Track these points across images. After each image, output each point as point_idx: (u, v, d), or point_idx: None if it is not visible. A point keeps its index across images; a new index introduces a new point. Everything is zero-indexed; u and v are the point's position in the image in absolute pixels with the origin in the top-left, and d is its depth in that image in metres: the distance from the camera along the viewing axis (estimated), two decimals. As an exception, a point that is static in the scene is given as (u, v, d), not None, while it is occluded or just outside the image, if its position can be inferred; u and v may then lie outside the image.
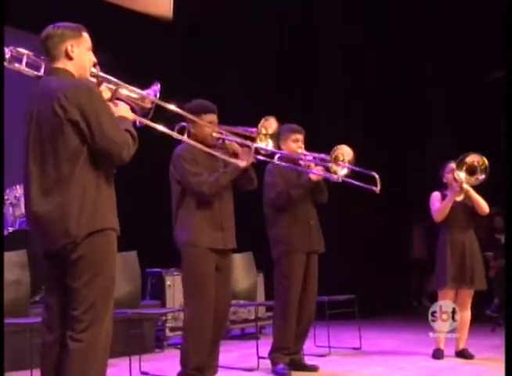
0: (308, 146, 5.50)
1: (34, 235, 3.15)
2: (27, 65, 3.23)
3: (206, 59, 9.01)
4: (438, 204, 5.98)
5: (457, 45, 10.08)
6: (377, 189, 5.50)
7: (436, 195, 6.05)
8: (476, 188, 5.88)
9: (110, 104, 3.28)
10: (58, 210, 2.99)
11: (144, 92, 3.47)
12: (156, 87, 3.50)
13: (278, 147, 5.05)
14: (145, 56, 7.83)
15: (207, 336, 4.47)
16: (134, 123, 3.35)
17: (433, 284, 6.04)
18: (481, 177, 5.75)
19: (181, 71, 8.46)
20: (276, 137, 4.71)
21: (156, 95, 3.49)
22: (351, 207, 9.65)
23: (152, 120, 3.49)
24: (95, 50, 3.26)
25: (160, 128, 3.64)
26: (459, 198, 5.96)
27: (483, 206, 5.92)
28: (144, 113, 3.45)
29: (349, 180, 5.46)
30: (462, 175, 5.77)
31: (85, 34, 3.22)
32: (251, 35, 9.48)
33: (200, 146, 4.24)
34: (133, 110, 3.39)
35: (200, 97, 4.69)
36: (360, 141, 8.06)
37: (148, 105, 3.44)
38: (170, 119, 3.92)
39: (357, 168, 5.49)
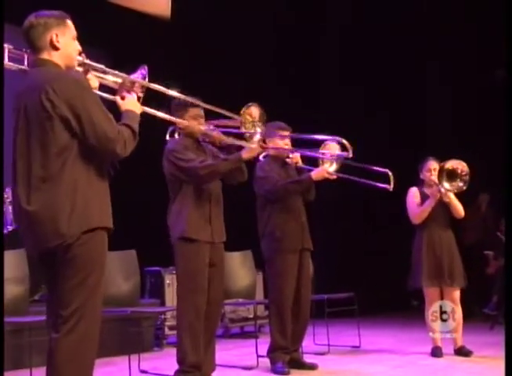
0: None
1: (23, 234, 3.01)
2: (10, 59, 3.11)
3: (204, 58, 9.02)
4: (415, 204, 5.96)
5: (459, 45, 10.07)
6: (390, 186, 5.49)
7: (414, 193, 6.04)
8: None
9: (117, 98, 3.22)
10: (48, 208, 2.88)
11: (133, 78, 3.36)
12: (144, 70, 3.39)
13: (264, 142, 5.07)
14: (142, 54, 7.81)
15: (201, 332, 4.48)
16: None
17: (410, 283, 6.02)
18: (461, 184, 5.72)
19: (178, 69, 8.44)
20: (263, 121, 4.68)
21: (144, 79, 3.38)
22: (351, 205, 9.67)
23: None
24: (90, 46, 3.20)
25: (158, 113, 3.59)
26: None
27: (459, 210, 5.92)
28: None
29: (360, 180, 5.47)
30: (446, 184, 5.74)
31: (69, 22, 3.09)
32: (250, 38, 9.49)
33: (197, 127, 4.27)
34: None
35: (198, 96, 4.69)
36: (359, 141, 8.08)
37: (138, 90, 3.33)
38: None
39: (367, 166, 5.48)
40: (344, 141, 5.02)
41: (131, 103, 3.22)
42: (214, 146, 4.80)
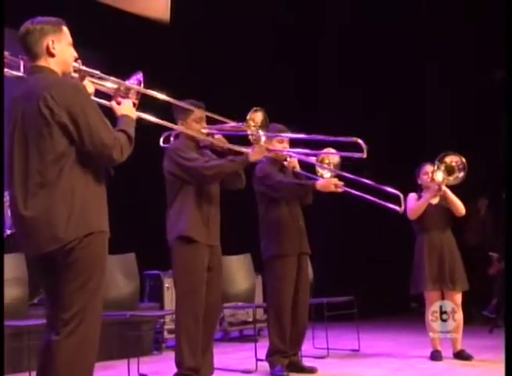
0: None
1: (21, 239, 3.03)
2: (6, 66, 3.14)
3: (203, 60, 9.02)
4: (414, 202, 5.96)
5: (458, 45, 10.08)
6: (401, 209, 5.28)
7: (412, 195, 6.02)
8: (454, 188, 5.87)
9: (113, 103, 3.24)
10: (45, 213, 2.90)
11: (128, 84, 3.36)
12: (139, 76, 3.39)
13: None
14: (141, 57, 7.81)
15: (199, 335, 4.48)
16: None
17: (412, 288, 6.01)
18: (460, 175, 5.69)
19: (177, 71, 8.45)
20: (266, 127, 4.66)
21: (139, 85, 3.39)
22: (351, 208, 9.64)
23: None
24: (89, 49, 3.21)
25: (154, 119, 3.58)
26: (435, 201, 5.95)
27: (459, 207, 5.90)
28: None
29: (370, 198, 5.28)
30: (440, 175, 5.73)
31: (65, 29, 3.12)
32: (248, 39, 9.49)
33: (195, 134, 4.25)
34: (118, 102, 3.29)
35: (197, 99, 4.70)
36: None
37: (134, 96, 3.35)
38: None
39: (379, 186, 5.31)
40: (360, 141, 4.82)
41: (126, 109, 3.24)
42: (213, 151, 4.80)
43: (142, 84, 3.40)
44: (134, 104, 3.32)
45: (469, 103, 9.99)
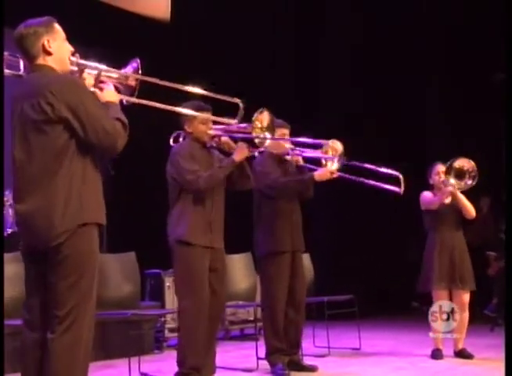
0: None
1: (21, 233, 3.10)
2: (6, 66, 3.19)
3: (203, 62, 9.03)
4: (429, 196, 5.99)
5: (459, 45, 10.09)
6: (401, 190, 5.31)
7: (427, 192, 6.05)
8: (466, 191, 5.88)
9: (96, 90, 3.25)
10: (43, 207, 2.95)
11: (125, 71, 3.38)
12: (136, 63, 3.41)
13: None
14: (141, 57, 7.81)
15: (202, 335, 4.48)
16: (121, 102, 3.30)
17: (420, 286, 6.02)
18: (470, 182, 5.72)
19: (177, 71, 8.45)
20: (272, 129, 4.67)
21: (137, 72, 3.40)
22: (352, 207, 9.66)
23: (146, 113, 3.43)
24: (91, 48, 3.23)
25: (156, 104, 3.58)
26: (447, 201, 5.95)
27: (470, 210, 5.92)
28: (130, 91, 3.38)
29: (369, 181, 5.30)
30: (452, 180, 5.75)
31: (57, 26, 3.16)
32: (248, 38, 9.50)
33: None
34: (118, 90, 3.33)
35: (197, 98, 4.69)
36: (359, 141, 8.10)
37: (133, 83, 3.38)
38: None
39: (379, 169, 5.35)
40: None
41: (109, 94, 3.26)
42: (221, 151, 4.79)
43: (140, 71, 3.41)
44: (134, 90, 3.35)
45: (469, 103, 10.00)
